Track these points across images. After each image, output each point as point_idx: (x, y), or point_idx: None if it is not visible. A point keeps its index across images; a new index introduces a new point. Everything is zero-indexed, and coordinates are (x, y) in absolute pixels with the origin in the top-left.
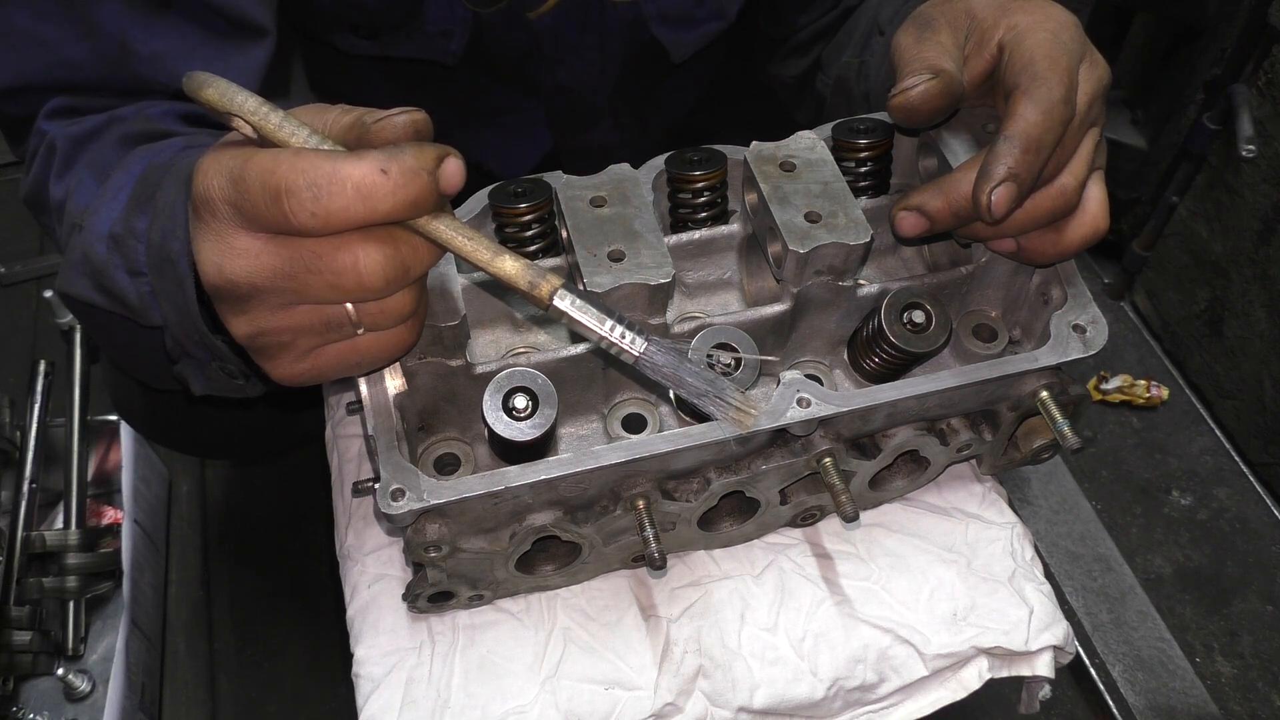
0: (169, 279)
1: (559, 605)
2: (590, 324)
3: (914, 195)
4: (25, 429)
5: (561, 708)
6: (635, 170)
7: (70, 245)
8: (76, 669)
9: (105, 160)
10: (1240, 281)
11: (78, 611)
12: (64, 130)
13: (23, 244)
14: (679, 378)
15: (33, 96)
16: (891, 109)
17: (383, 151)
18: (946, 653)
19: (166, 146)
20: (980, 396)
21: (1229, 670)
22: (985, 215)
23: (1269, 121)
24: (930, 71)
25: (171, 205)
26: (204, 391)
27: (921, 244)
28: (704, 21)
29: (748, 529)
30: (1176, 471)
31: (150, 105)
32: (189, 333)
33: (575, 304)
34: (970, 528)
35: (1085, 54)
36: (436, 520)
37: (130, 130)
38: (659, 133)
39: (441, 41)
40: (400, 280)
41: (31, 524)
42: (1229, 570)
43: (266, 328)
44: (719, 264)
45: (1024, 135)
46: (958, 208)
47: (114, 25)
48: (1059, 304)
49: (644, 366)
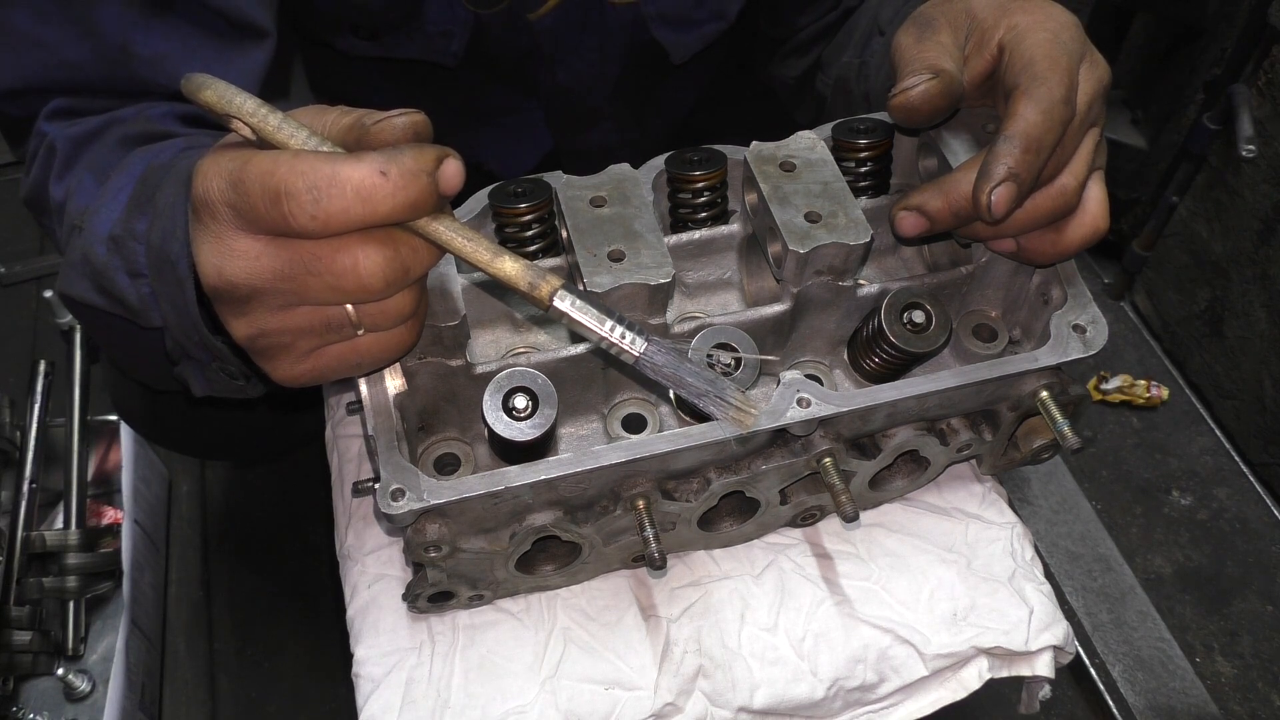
0: (169, 280)
1: (559, 605)
2: (590, 324)
3: (914, 195)
4: (25, 429)
5: (561, 708)
6: (635, 170)
7: (70, 246)
8: (76, 669)
9: (105, 161)
10: (1240, 281)
11: (78, 611)
12: (64, 131)
13: (23, 244)
14: (679, 378)
15: (33, 98)
16: (891, 109)
17: (382, 153)
18: (946, 653)
19: (166, 147)
20: (980, 396)
21: (1229, 670)
22: (985, 215)
23: (1269, 121)
24: (930, 71)
25: (171, 207)
26: (204, 393)
27: (921, 244)
28: (704, 22)
29: (748, 529)
30: (1176, 471)
31: (150, 106)
32: (189, 334)
33: (575, 304)
34: (970, 528)
35: (1085, 54)
36: (436, 520)
37: (130, 131)
38: (659, 133)
39: (442, 42)
40: (400, 281)
41: (31, 524)
42: (1229, 570)
43: (267, 329)
44: (719, 264)
45: (1024, 135)
46: (958, 208)
47: (114, 27)
48: (1059, 304)
49: (644, 367)
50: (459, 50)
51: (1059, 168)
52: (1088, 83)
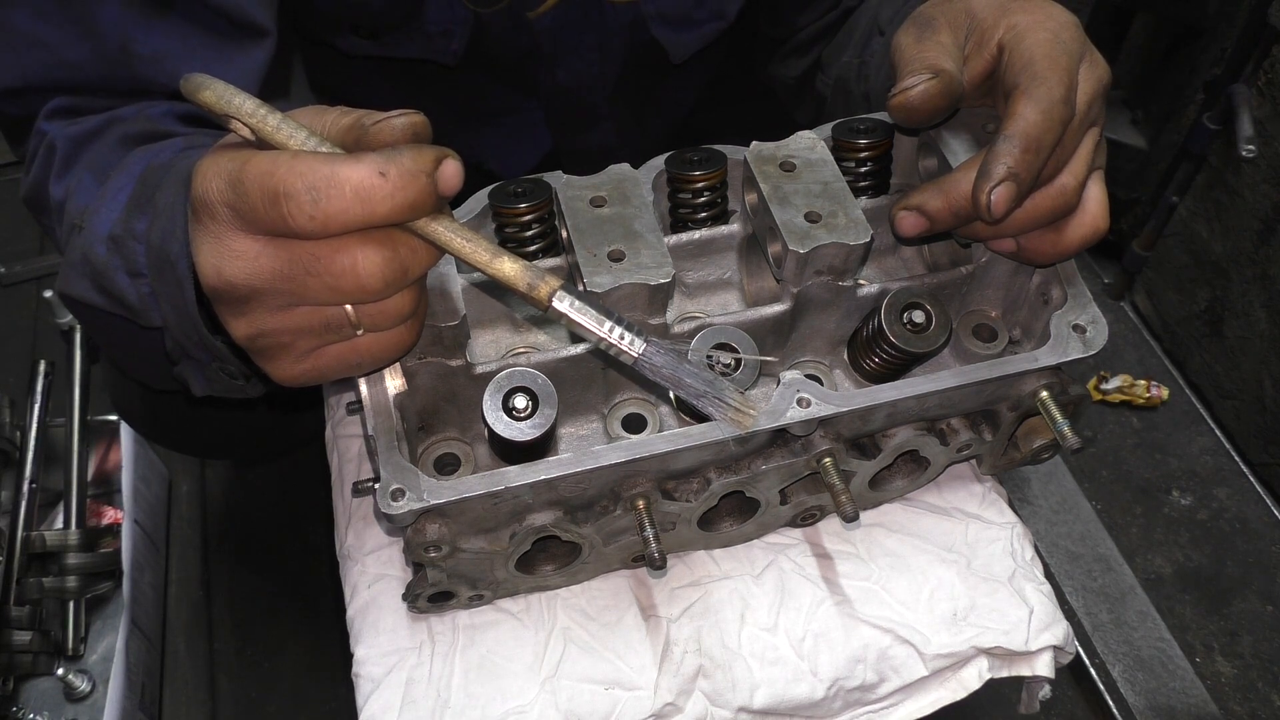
0: (168, 280)
1: (559, 605)
2: (589, 325)
3: (914, 195)
4: (25, 429)
5: (561, 708)
6: (635, 170)
7: (70, 246)
8: (76, 669)
9: (105, 161)
10: (1240, 281)
11: (78, 611)
12: (64, 131)
13: (23, 244)
14: (678, 379)
15: (33, 97)
16: (891, 109)
17: (381, 154)
18: (946, 653)
19: (166, 147)
20: (980, 396)
21: (1229, 670)
22: (985, 215)
23: (1269, 121)
24: (930, 71)
25: (170, 207)
26: (204, 392)
27: (922, 244)
28: (703, 22)
29: (748, 529)
30: (1176, 471)
31: (150, 106)
32: (189, 334)
33: (574, 305)
34: (970, 528)
35: (1085, 54)
36: (436, 520)
37: (130, 131)
38: (659, 133)
39: (442, 41)
40: (399, 282)
41: (31, 524)
42: (1229, 570)
43: (266, 329)
44: (719, 264)
45: (1024, 135)
46: (957, 207)
47: (114, 26)
48: (1059, 304)
49: (643, 368)
50: (459, 49)
51: (1059, 167)
52: (1087, 82)
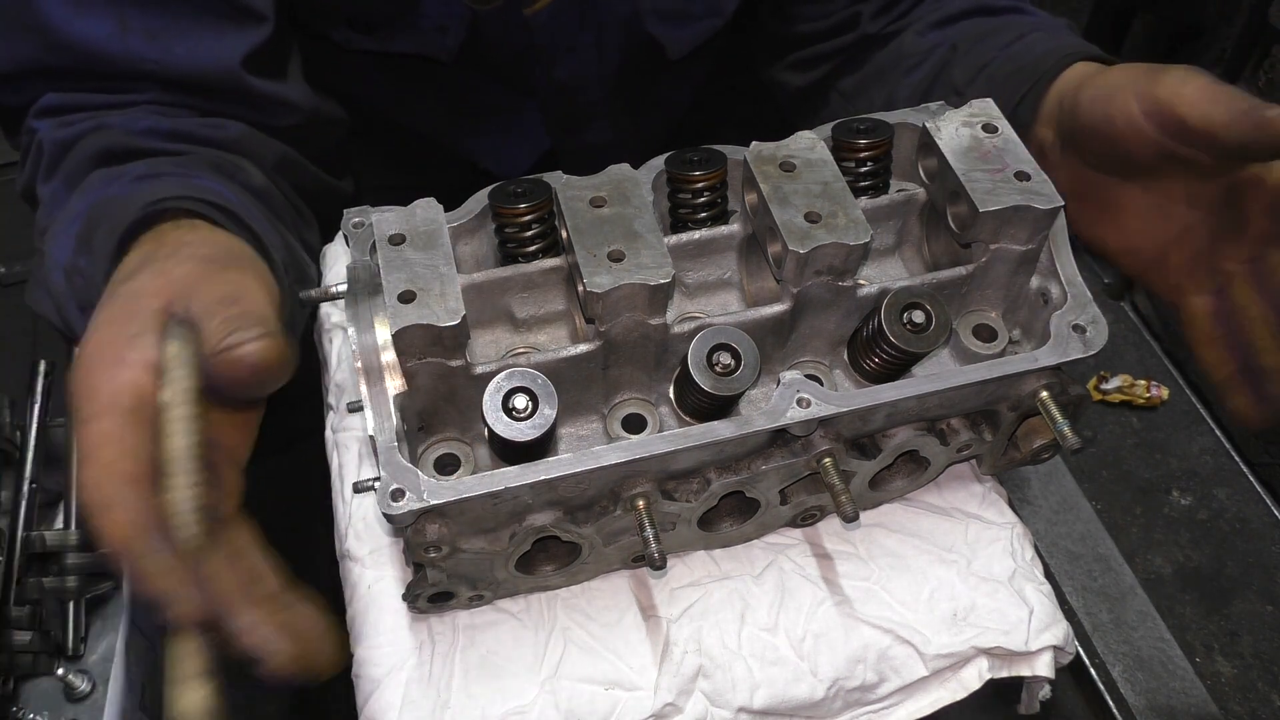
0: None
1: (559, 605)
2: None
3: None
4: (25, 429)
5: (561, 708)
6: (635, 170)
7: (36, 264)
8: (76, 669)
9: (77, 176)
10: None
11: (78, 611)
12: (51, 134)
13: (23, 244)
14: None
15: (26, 83)
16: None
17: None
18: (946, 653)
19: (126, 173)
20: (980, 396)
21: (1229, 670)
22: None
23: None
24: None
25: (98, 256)
26: None
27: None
28: (700, 18)
29: (748, 529)
30: (1176, 471)
31: (138, 116)
32: None
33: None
34: (970, 528)
35: None
36: (436, 520)
37: (105, 144)
38: (657, 132)
39: (438, 37)
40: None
41: (31, 524)
42: (1229, 570)
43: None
44: (719, 264)
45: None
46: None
47: (109, 3)
48: (1059, 304)
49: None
50: (455, 46)
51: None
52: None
